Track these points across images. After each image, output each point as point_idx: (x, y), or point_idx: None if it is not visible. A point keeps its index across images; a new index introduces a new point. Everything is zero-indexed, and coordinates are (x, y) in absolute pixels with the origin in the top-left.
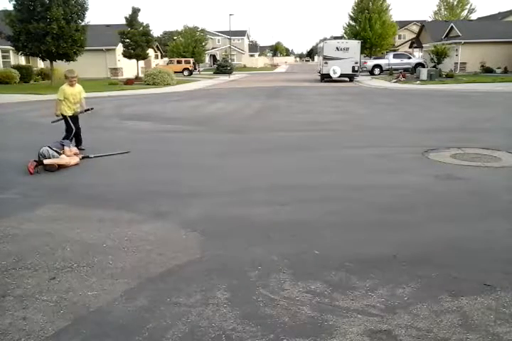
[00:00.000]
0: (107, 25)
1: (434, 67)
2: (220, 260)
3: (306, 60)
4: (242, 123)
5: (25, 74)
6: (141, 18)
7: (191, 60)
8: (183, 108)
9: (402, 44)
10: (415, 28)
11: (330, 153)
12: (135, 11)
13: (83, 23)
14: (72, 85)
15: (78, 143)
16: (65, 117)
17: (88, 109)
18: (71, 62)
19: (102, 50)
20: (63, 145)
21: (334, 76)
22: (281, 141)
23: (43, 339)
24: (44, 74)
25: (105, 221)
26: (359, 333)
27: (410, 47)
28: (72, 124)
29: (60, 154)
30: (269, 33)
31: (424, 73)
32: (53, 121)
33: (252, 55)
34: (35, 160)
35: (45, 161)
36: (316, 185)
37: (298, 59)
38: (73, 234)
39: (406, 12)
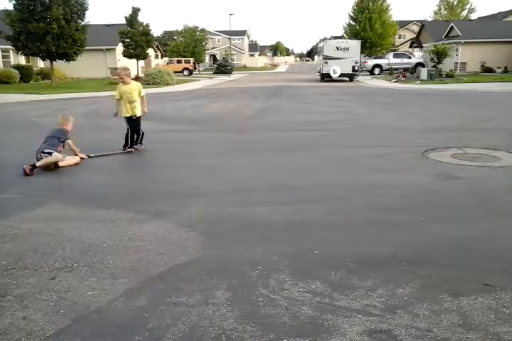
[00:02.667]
0: (107, 25)
1: (434, 66)
2: (220, 260)
3: (306, 60)
4: (242, 123)
5: (25, 74)
6: (141, 17)
7: (191, 60)
8: (183, 108)
9: (402, 44)
10: (415, 28)
11: (330, 153)
12: (135, 11)
13: (83, 23)
14: (125, 83)
15: (130, 144)
16: (125, 118)
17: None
18: (71, 61)
19: (102, 49)
20: (62, 142)
21: (334, 76)
22: (282, 140)
23: (43, 338)
24: (44, 74)
25: (105, 221)
26: (359, 333)
27: (410, 46)
28: (127, 125)
29: (54, 151)
30: (269, 33)
31: (424, 73)
32: (115, 114)
33: (252, 55)
34: (30, 165)
35: (37, 164)
36: (315, 185)
37: (298, 59)
38: (73, 234)
39: (406, 12)
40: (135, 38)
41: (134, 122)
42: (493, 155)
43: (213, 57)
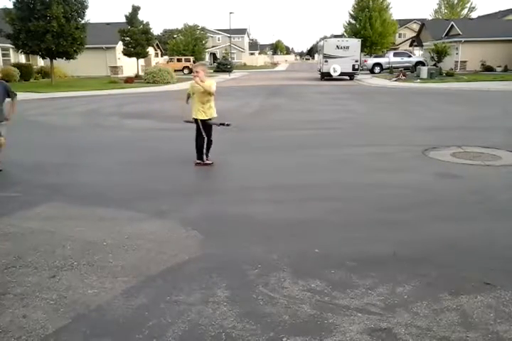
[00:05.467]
0: (107, 24)
1: (435, 65)
2: (220, 258)
3: (307, 59)
4: (243, 121)
5: (25, 73)
6: (141, 16)
7: (191, 58)
8: (183, 106)
9: (403, 42)
10: (415, 27)
11: (330, 152)
12: (135, 9)
13: (83, 21)
14: (200, 80)
15: (206, 154)
16: (195, 121)
17: (224, 124)
18: (71, 60)
19: (102, 48)
20: None
21: (334, 74)
22: (282, 139)
23: (43, 337)
24: (44, 73)
25: (105, 219)
26: (359, 331)
27: (410, 45)
28: (202, 130)
29: None
30: (270, 32)
31: (424, 72)
32: (185, 121)
33: (252, 54)
34: None
35: None
36: (316, 184)
37: (298, 57)
38: (73, 233)
39: (406, 10)
40: (135, 36)
41: (208, 126)
42: (494, 154)
43: (213, 55)
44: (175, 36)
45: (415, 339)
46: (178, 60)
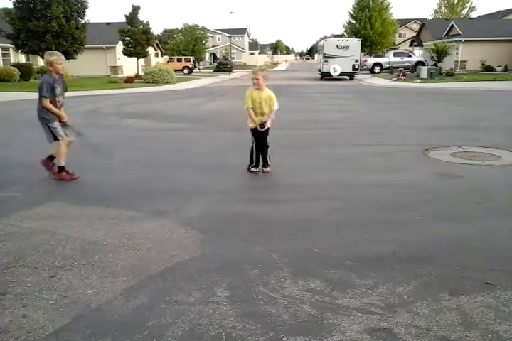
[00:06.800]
0: (107, 23)
1: (435, 65)
2: (220, 258)
3: (307, 58)
4: (243, 121)
5: (25, 72)
6: (141, 16)
7: (191, 58)
8: (183, 106)
9: (403, 42)
10: (416, 27)
11: (330, 151)
12: (135, 9)
13: (83, 21)
14: (258, 88)
15: (256, 163)
16: (251, 130)
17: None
18: (71, 60)
19: (102, 48)
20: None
21: (334, 74)
22: (282, 139)
23: (43, 337)
24: (44, 72)
25: (105, 219)
26: (359, 331)
27: (410, 45)
28: (253, 137)
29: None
30: (270, 31)
31: (424, 71)
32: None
33: (252, 53)
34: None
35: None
36: (315, 184)
37: (298, 57)
38: (73, 232)
39: (406, 10)
40: (135, 36)
41: (262, 133)
42: (493, 153)
43: (213, 55)
44: (175, 36)
45: (415, 339)
46: (178, 60)
